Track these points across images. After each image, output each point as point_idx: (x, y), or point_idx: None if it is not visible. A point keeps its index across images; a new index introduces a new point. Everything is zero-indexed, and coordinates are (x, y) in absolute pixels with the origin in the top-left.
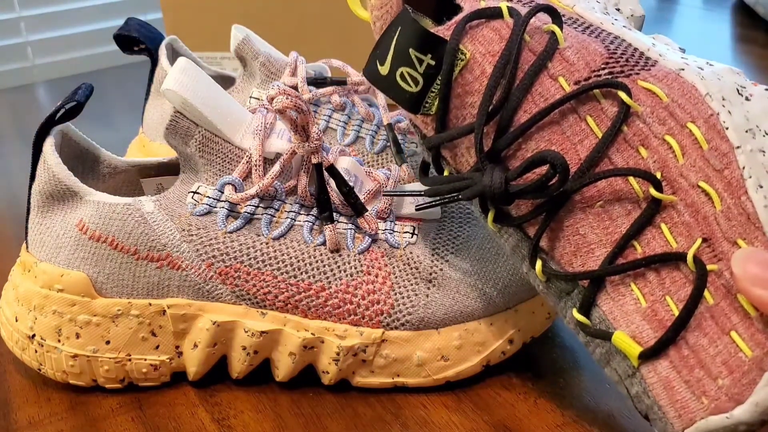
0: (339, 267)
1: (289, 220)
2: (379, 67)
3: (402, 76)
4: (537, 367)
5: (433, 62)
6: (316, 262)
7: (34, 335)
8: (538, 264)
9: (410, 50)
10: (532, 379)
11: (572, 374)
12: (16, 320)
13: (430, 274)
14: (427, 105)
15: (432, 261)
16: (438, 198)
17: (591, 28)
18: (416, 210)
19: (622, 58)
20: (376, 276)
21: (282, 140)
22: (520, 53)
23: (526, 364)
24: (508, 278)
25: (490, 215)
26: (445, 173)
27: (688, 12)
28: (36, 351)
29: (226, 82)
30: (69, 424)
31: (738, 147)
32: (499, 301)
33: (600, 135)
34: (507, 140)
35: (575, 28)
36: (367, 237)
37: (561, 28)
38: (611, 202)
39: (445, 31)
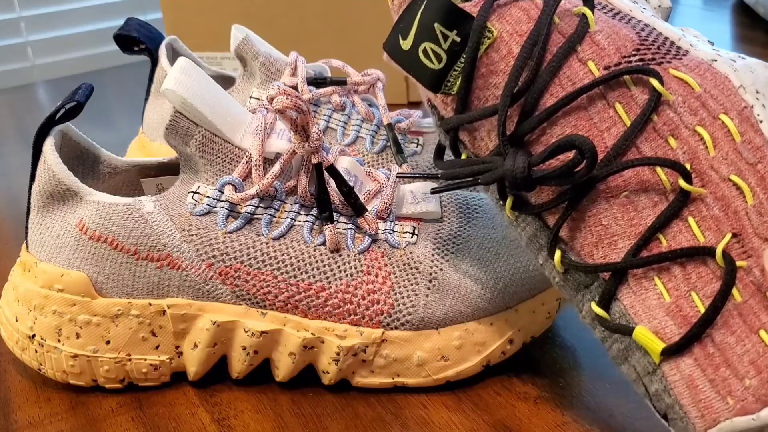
0: (339, 267)
1: (289, 220)
2: (401, 41)
3: (425, 51)
4: (537, 367)
5: (458, 39)
6: (316, 262)
7: (34, 335)
8: (557, 254)
9: (435, 25)
10: (532, 379)
11: (572, 374)
12: (16, 320)
13: (430, 274)
14: (448, 84)
15: (432, 261)
16: (455, 181)
17: (621, 15)
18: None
19: (653, 45)
20: (376, 276)
21: (282, 140)
22: (549, 35)
23: (526, 364)
24: (508, 278)
25: (509, 202)
26: (463, 157)
27: (688, 12)
28: (36, 351)
29: (226, 82)
30: (69, 424)
31: None
32: (499, 301)
33: (628, 123)
34: (531, 124)
35: (605, 13)
36: (367, 237)
37: (592, 10)
38: (637, 192)
39: (472, 7)
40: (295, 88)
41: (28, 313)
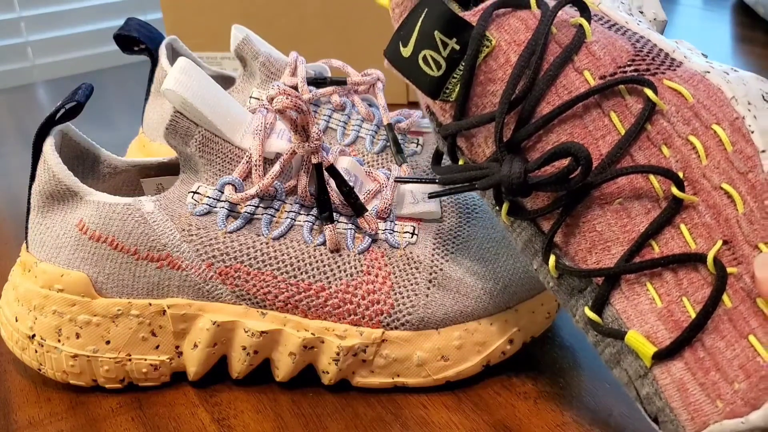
0: (339, 267)
1: (289, 220)
2: (402, 48)
3: (424, 59)
4: (537, 367)
5: (457, 47)
6: (316, 262)
7: (34, 335)
8: (552, 259)
9: (435, 32)
10: (532, 379)
11: (572, 374)
12: (16, 320)
13: (430, 274)
14: (447, 91)
15: (432, 261)
16: (452, 186)
17: (617, 26)
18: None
19: (648, 56)
20: (376, 276)
21: (282, 140)
22: (546, 44)
23: (526, 364)
24: (508, 278)
25: (504, 208)
26: (460, 163)
27: (688, 12)
28: (36, 351)
29: (226, 82)
30: (69, 424)
31: (763, 151)
32: (499, 300)
33: (623, 131)
34: (528, 131)
35: (602, 24)
36: (367, 237)
37: (589, 22)
38: (630, 199)
39: (471, 16)
40: (295, 88)
41: (28, 313)
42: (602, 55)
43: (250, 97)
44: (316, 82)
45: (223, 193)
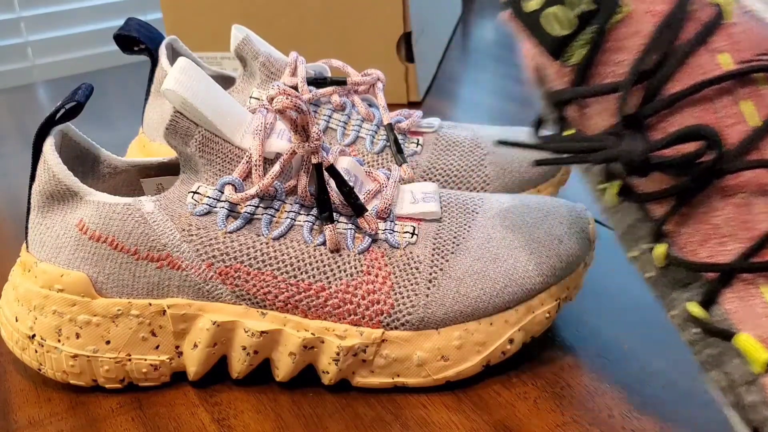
0: (339, 267)
1: (289, 220)
2: (525, 2)
3: (550, 16)
4: (537, 367)
5: (593, 6)
6: (316, 262)
7: (34, 335)
8: (662, 248)
9: None
10: (532, 379)
11: (572, 374)
12: (16, 320)
13: (430, 274)
14: (568, 53)
15: (432, 261)
16: (562, 156)
17: (754, 14)
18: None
19: None
20: (376, 276)
21: (282, 140)
22: (683, 19)
23: (526, 364)
24: (507, 278)
25: (615, 187)
26: (566, 133)
27: None
28: (36, 351)
29: (226, 82)
30: (69, 424)
31: None
32: (498, 300)
33: (755, 122)
34: (654, 107)
35: (739, 9)
36: (367, 237)
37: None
38: (755, 195)
39: None
40: (295, 88)
41: (28, 313)
42: (741, 39)
43: (250, 97)
44: (316, 82)
45: (223, 193)
